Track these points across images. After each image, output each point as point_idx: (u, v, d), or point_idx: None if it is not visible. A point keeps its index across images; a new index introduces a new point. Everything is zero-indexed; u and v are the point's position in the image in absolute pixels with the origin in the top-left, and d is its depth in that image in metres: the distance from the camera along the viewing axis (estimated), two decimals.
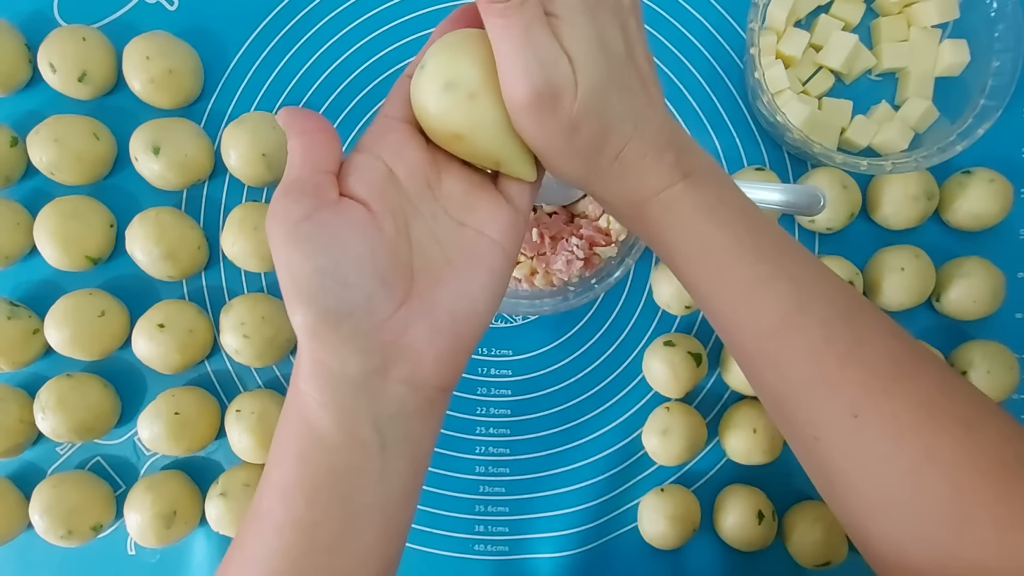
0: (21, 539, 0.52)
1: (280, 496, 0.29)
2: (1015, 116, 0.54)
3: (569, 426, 0.54)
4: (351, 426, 0.28)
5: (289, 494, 0.29)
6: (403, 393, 0.29)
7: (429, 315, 0.29)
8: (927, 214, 0.52)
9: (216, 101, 0.55)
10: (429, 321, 0.29)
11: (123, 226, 0.53)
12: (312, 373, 0.28)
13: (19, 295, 0.54)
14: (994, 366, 0.51)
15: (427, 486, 0.54)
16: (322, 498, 0.29)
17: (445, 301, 0.29)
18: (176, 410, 0.50)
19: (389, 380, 0.28)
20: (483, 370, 0.55)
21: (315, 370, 0.28)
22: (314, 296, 0.27)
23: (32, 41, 0.53)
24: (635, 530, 0.53)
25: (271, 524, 0.29)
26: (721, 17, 0.55)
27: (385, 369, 0.28)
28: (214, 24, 0.55)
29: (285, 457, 0.29)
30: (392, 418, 0.29)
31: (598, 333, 0.55)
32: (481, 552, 0.54)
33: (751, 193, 0.45)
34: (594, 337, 0.55)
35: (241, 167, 0.51)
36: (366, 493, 0.29)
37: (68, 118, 0.51)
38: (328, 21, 0.55)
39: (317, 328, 0.27)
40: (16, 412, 0.51)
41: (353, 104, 0.55)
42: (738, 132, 0.55)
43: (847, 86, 0.55)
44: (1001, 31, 0.50)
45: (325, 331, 0.27)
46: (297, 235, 0.27)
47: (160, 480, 0.51)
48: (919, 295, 0.51)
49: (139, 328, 0.51)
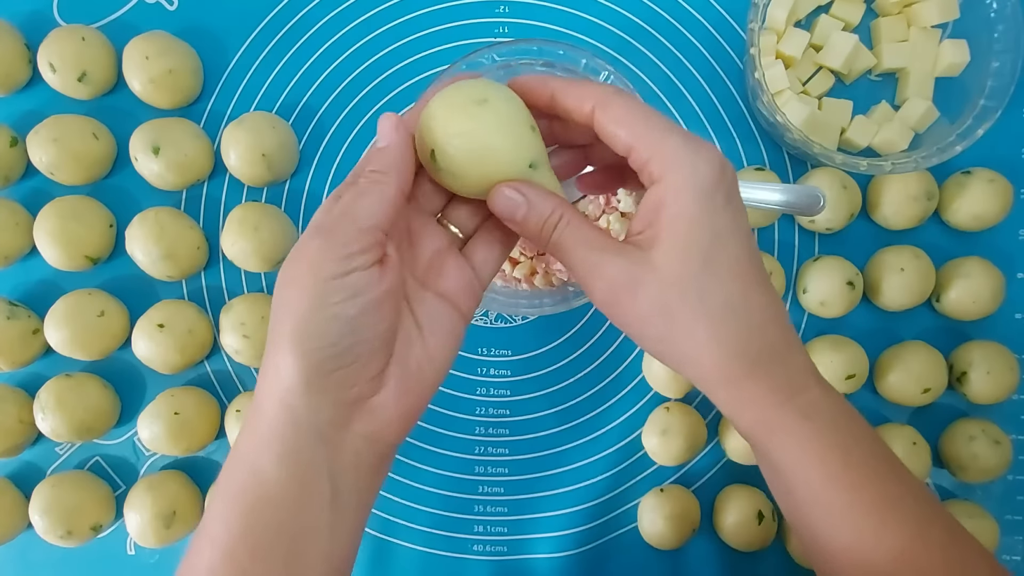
0: (21, 539, 0.52)
1: (223, 552, 0.28)
2: (1015, 116, 0.54)
3: (569, 426, 0.54)
4: (306, 478, 0.28)
5: (232, 551, 0.28)
6: (361, 446, 0.29)
7: (402, 376, 0.29)
8: (927, 214, 0.52)
9: (216, 101, 0.55)
10: (401, 382, 0.29)
11: (123, 226, 0.53)
12: (277, 419, 0.28)
13: (19, 295, 0.54)
14: (994, 366, 0.51)
15: (427, 486, 0.54)
16: (268, 555, 0.28)
17: (415, 363, 0.30)
18: (176, 410, 0.50)
19: (350, 432, 0.29)
20: (483, 370, 0.55)
21: (281, 416, 0.28)
22: (321, 345, 0.27)
23: (32, 41, 0.53)
24: (635, 530, 0.53)
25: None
26: (721, 17, 0.55)
27: (349, 422, 0.29)
28: (214, 24, 0.55)
29: (230, 510, 0.28)
30: (347, 470, 0.29)
31: (598, 333, 0.55)
32: (480, 552, 0.54)
33: (751, 193, 0.45)
34: (594, 337, 0.55)
35: (241, 167, 0.51)
36: (314, 548, 0.29)
37: (68, 118, 0.51)
38: (328, 21, 0.55)
39: (309, 374, 0.27)
40: (16, 412, 0.51)
41: (353, 104, 0.55)
42: (738, 132, 0.55)
43: (847, 86, 0.55)
44: (1001, 31, 0.50)
45: (315, 379, 0.27)
46: (326, 289, 0.27)
47: (160, 480, 0.51)
48: (919, 295, 0.51)
49: (139, 328, 0.51)
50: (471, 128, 0.30)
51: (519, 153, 0.30)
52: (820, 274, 0.51)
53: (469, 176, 0.30)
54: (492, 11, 0.55)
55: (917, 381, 0.51)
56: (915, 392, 0.51)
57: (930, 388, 0.51)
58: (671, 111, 0.55)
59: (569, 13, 0.55)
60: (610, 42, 0.55)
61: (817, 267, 0.52)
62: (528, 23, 0.55)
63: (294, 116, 0.55)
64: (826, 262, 0.52)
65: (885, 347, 0.53)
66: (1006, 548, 0.53)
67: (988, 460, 0.50)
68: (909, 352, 0.51)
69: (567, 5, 0.55)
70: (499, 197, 0.30)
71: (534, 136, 0.31)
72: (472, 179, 0.30)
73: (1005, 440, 0.51)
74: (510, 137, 0.30)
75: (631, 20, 0.55)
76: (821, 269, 0.52)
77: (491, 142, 0.30)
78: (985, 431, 0.51)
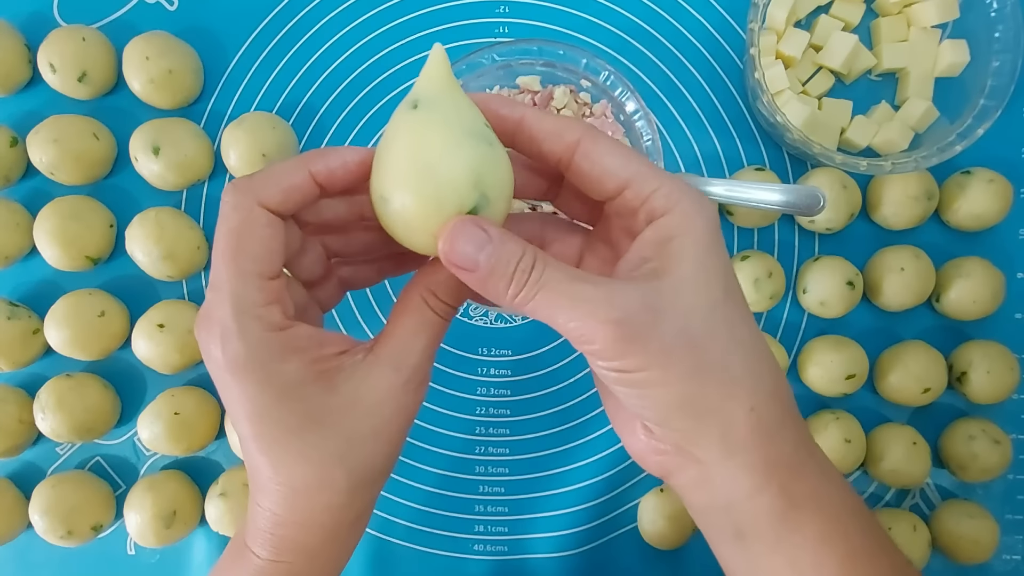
0: (21, 539, 0.52)
1: None
2: (1015, 116, 0.54)
3: (569, 426, 0.54)
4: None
5: None
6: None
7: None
8: (927, 214, 0.52)
9: (216, 101, 0.55)
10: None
11: (123, 226, 0.53)
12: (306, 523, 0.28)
13: (19, 295, 0.54)
14: (994, 366, 0.51)
15: (427, 486, 0.54)
16: None
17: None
18: (176, 410, 0.50)
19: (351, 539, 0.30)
20: (483, 370, 0.55)
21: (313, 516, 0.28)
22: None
23: (32, 41, 0.53)
24: (635, 530, 0.53)
25: None
26: (721, 17, 0.55)
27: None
28: (214, 24, 0.55)
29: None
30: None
31: None
32: (480, 552, 0.54)
33: (751, 193, 0.45)
34: None
35: (241, 167, 0.51)
36: None
37: (68, 118, 0.51)
38: (328, 21, 0.55)
39: (354, 486, 0.27)
40: (16, 412, 0.51)
41: (353, 104, 0.55)
42: (738, 132, 0.55)
43: (847, 86, 0.55)
44: (1001, 31, 0.50)
45: (360, 489, 0.28)
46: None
47: (160, 480, 0.51)
48: (919, 295, 0.51)
49: (139, 328, 0.51)
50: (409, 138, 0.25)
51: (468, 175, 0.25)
52: (820, 274, 0.51)
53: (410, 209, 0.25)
54: (492, 11, 0.55)
55: (917, 381, 0.51)
56: (915, 392, 0.51)
57: (930, 388, 0.51)
58: (671, 111, 0.55)
59: (569, 13, 0.55)
60: (610, 42, 0.55)
61: (817, 267, 0.52)
62: (528, 23, 0.55)
63: (294, 116, 0.55)
64: (826, 262, 0.52)
65: (885, 347, 0.53)
66: (1006, 548, 0.53)
67: (988, 460, 0.50)
68: (909, 352, 0.51)
69: (567, 5, 0.55)
70: (452, 236, 0.25)
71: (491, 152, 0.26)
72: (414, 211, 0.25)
73: (1005, 440, 0.51)
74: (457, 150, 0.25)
75: (631, 20, 0.55)
76: (821, 269, 0.52)
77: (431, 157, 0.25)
78: (985, 431, 0.51)
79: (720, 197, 0.45)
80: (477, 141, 0.25)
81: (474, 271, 0.25)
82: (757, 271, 0.51)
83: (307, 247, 0.30)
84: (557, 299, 0.25)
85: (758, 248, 0.54)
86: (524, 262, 0.25)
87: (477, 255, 0.25)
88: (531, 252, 0.25)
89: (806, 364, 0.52)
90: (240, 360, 0.25)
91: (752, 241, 0.55)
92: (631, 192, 0.27)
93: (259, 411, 0.26)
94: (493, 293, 0.25)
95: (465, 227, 0.25)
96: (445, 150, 0.25)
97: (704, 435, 0.26)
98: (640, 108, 0.47)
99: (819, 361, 0.51)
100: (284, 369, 0.26)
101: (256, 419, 0.26)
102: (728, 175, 0.54)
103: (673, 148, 0.54)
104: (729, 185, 0.45)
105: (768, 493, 0.27)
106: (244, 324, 0.25)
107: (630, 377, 0.25)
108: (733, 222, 0.54)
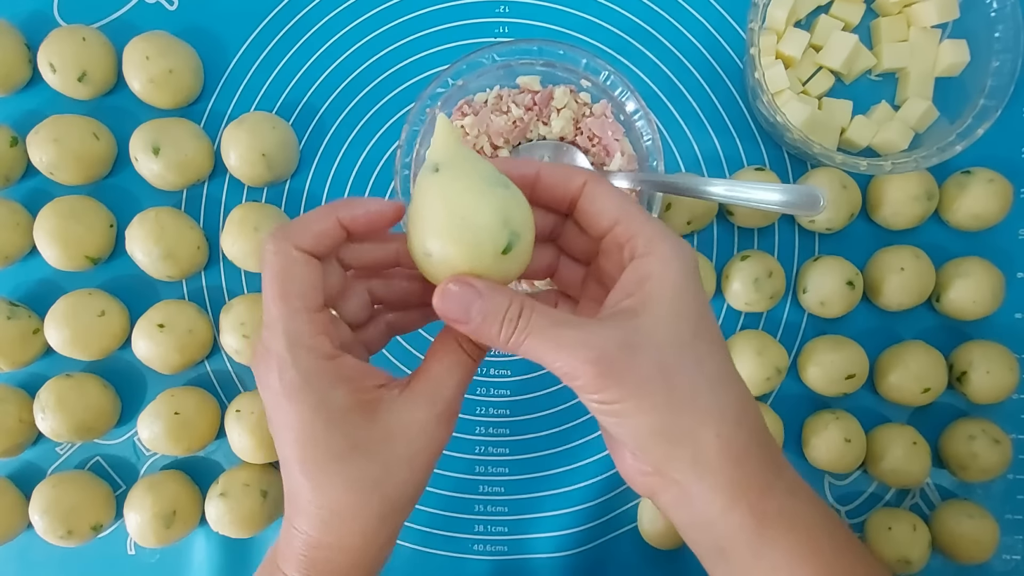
0: (21, 539, 0.52)
1: None
2: (1015, 116, 0.54)
3: (569, 426, 0.54)
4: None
5: None
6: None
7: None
8: (927, 214, 0.52)
9: (216, 101, 0.55)
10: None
11: (123, 226, 0.53)
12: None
13: (19, 295, 0.54)
14: (994, 366, 0.51)
15: (427, 486, 0.54)
16: None
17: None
18: (176, 410, 0.50)
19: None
20: (483, 370, 0.55)
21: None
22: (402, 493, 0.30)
23: (32, 41, 0.53)
24: (635, 530, 0.53)
25: None
26: (721, 17, 0.55)
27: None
28: (214, 24, 0.55)
29: None
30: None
31: None
32: (480, 552, 0.54)
33: (751, 193, 0.45)
34: None
35: (241, 167, 0.51)
36: None
37: (68, 118, 0.51)
38: (328, 21, 0.55)
39: (386, 512, 0.30)
40: (16, 412, 0.51)
41: (353, 104, 0.55)
42: (738, 132, 0.55)
43: (847, 86, 0.55)
44: (1001, 31, 0.50)
45: (390, 515, 0.30)
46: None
47: (160, 480, 0.51)
48: (919, 295, 0.51)
49: (139, 328, 0.51)
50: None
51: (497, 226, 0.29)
52: (820, 274, 0.51)
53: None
54: (492, 11, 0.55)
55: (917, 381, 0.51)
56: (915, 392, 0.51)
57: (930, 388, 0.51)
58: (671, 111, 0.55)
59: (569, 13, 0.55)
60: (610, 42, 0.55)
61: (817, 267, 0.52)
62: (528, 23, 0.55)
63: (294, 116, 0.55)
64: (826, 262, 0.52)
65: (885, 347, 0.53)
66: (1006, 548, 0.53)
67: (988, 459, 0.50)
68: (909, 352, 0.51)
69: (567, 5, 0.55)
70: (445, 294, 0.29)
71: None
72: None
73: (1005, 439, 0.51)
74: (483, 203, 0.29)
75: (631, 20, 0.55)
76: (821, 269, 0.52)
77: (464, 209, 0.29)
78: (985, 431, 0.51)
79: (720, 197, 0.45)
80: (497, 187, 0.29)
81: (467, 323, 0.29)
82: (757, 271, 0.51)
83: (352, 292, 0.33)
84: (543, 343, 0.28)
85: (758, 248, 0.54)
86: (511, 312, 0.28)
87: (468, 309, 0.28)
88: (518, 302, 0.28)
89: (806, 364, 0.52)
90: (296, 385, 0.28)
91: (752, 241, 0.55)
92: (620, 228, 0.30)
93: (309, 435, 0.28)
94: (487, 340, 0.29)
95: (456, 286, 0.28)
96: (474, 200, 0.28)
97: (678, 458, 0.29)
98: (640, 108, 0.47)
99: (819, 361, 0.51)
100: (334, 395, 0.29)
101: (304, 443, 0.28)
102: (728, 175, 0.54)
103: (673, 148, 0.54)
104: (729, 185, 0.45)
105: (738, 511, 0.29)
106: (297, 354, 0.28)
107: (610, 408, 0.29)
108: (733, 222, 0.54)
